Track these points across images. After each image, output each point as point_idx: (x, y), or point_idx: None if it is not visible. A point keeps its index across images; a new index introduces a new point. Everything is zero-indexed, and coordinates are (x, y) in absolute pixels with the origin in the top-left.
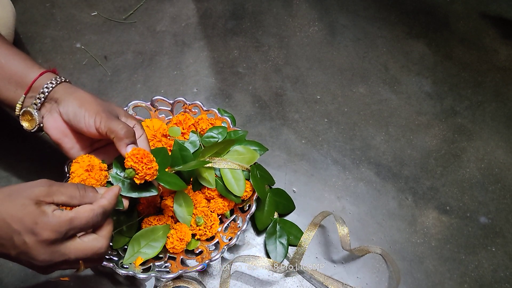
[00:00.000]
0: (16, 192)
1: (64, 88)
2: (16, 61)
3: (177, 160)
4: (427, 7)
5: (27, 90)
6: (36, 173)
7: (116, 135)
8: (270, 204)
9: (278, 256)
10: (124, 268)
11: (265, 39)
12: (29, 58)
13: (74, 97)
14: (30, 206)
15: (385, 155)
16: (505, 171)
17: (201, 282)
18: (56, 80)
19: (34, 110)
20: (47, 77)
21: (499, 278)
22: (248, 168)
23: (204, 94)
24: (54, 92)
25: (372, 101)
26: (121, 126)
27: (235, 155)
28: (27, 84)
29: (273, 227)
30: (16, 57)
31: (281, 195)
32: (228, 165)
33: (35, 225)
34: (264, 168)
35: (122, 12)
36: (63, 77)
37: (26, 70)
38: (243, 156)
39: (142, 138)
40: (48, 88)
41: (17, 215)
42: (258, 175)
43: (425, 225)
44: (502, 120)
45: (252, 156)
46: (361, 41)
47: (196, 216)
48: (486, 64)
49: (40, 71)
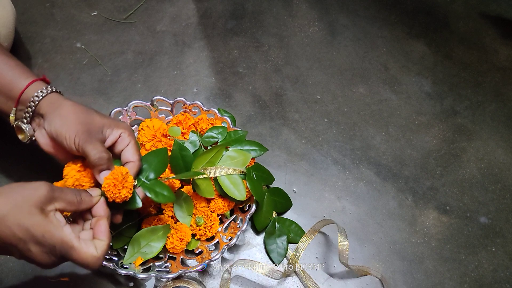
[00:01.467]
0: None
1: (50, 103)
2: (5, 71)
3: (177, 160)
4: (427, 7)
5: (16, 103)
6: (36, 173)
7: (89, 160)
8: (268, 204)
9: (278, 255)
10: (124, 268)
11: (265, 39)
12: (19, 65)
13: (57, 114)
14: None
15: (385, 155)
16: (505, 171)
17: (201, 282)
18: (42, 92)
19: (24, 124)
20: (35, 88)
21: (499, 278)
22: (244, 171)
23: (204, 94)
24: (40, 107)
25: (372, 101)
26: (94, 151)
27: (228, 160)
28: (15, 95)
29: (272, 226)
30: (4, 66)
31: (279, 194)
32: (224, 171)
33: (42, 237)
34: (262, 166)
35: (122, 12)
36: (51, 87)
37: (14, 80)
38: (236, 160)
39: (128, 147)
40: (34, 102)
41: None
42: (255, 176)
43: (425, 225)
44: (502, 120)
45: (245, 158)
46: (361, 41)
47: (196, 216)
48: (486, 64)
49: (27, 81)
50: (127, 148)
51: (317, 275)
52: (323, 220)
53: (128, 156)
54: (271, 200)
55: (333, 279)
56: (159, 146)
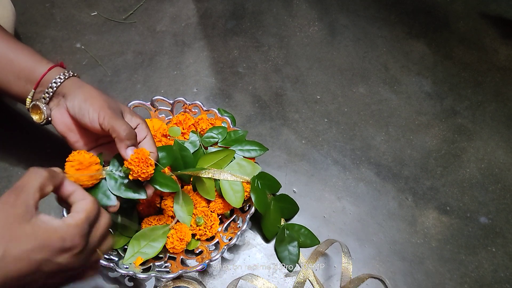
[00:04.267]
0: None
1: (72, 83)
2: (25, 56)
3: (177, 160)
4: (427, 7)
5: (36, 85)
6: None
7: (117, 135)
8: (276, 211)
9: (291, 262)
10: (124, 268)
11: (265, 39)
12: (36, 52)
13: (81, 91)
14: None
15: (385, 155)
16: (505, 171)
17: (201, 282)
18: (64, 75)
19: (42, 104)
20: (56, 72)
21: (499, 278)
22: (249, 181)
23: (204, 94)
24: (62, 87)
25: (372, 101)
26: (124, 127)
27: (236, 167)
28: (36, 79)
29: (282, 234)
30: (24, 52)
31: (285, 200)
32: (228, 177)
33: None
34: (268, 174)
35: (122, 12)
36: (72, 72)
37: (35, 64)
38: (244, 169)
39: (147, 139)
40: (57, 83)
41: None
42: (259, 185)
43: (425, 225)
44: (502, 120)
45: (253, 169)
46: (361, 41)
47: (196, 216)
48: (486, 64)
49: (48, 66)
50: (145, 140)
51: (317, 275)
52: (326, 241)
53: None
54: (278, 208)
55: (333, 279)
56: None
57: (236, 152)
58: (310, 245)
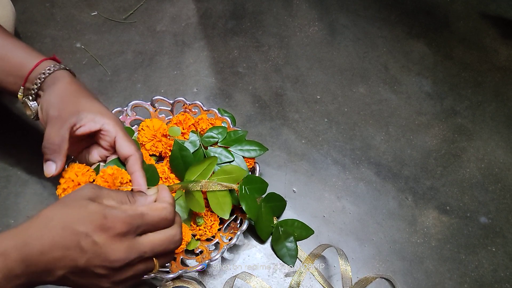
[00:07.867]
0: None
1: (51, 79)
2: (17, 52)
3: (177, 160)
4: (427, 7)
5: (24, 82)
6: (36, 173)
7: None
8: (267, 212)
9: (291, 258)
10: None
11: (265, 39)
12: (28, 47)
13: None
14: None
15: (385, 155)
16: (505, 171)
17: (201, 282)
18: (50, 70)
19: (29, 100)
20: (44, 66)
21: (499, 278)
22: (236, 188)
23: (204, 94)
24: (44, 84)
25: (372, 101)
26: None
27: (222, 174)
28: (25, 75)
29: (276, 232)
30: (17, 47)
31: (273, 198)
32: (216, 186)
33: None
34: (253, 176)
35: (122, 12)
36: (59, 65)
37: (25, 60)
38: (229, 176)
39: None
40: (41, 79)
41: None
42: (248, 191)
43: (425, 225)
44: (502, 120)
45: (239, 175)
46: (361, 41)
47: (196, 216)
48: (486, 64)
49: (37, 60)
50: (117, 142)
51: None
52: (321, 245)
53: (123, 150)
54: (268, 208)
55: (333, 279)
56: (159, 146)
57: (236, 152)
58: (306, 236)
